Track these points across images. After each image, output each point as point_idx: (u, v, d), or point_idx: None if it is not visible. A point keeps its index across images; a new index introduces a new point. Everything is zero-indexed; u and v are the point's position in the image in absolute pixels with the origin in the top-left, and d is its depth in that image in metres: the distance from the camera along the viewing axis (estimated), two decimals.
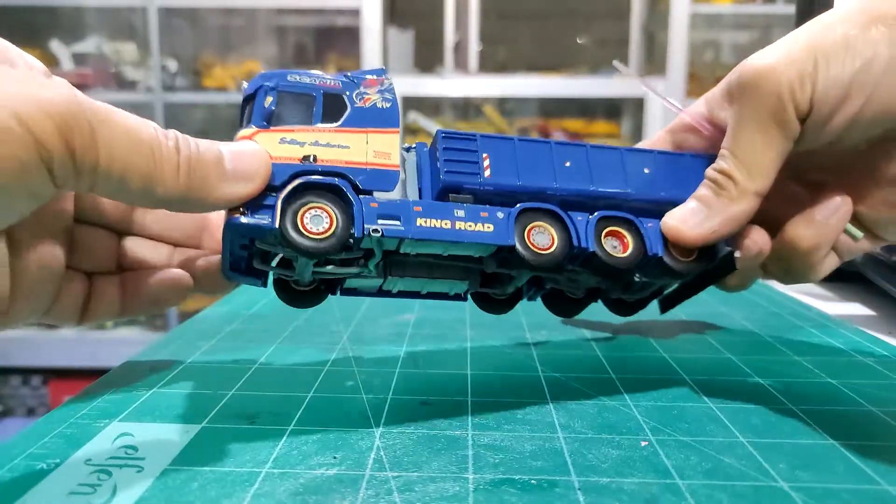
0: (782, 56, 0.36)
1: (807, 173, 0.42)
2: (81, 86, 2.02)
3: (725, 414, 0.37)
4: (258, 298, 0.61)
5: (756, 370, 0.45)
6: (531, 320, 0.55)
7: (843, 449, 0.33)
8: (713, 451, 0.33)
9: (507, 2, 2.51)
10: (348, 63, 2.14)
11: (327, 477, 0.30)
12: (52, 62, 2.11)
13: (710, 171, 0.40)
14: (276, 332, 0.52)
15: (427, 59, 2.35)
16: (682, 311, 0.58)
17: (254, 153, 0.34)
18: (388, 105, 0.40)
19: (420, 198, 0.40)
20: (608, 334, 0.52)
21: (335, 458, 0.32)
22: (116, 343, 2.11)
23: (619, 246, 0.40)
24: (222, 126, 2.29)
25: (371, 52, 2.02)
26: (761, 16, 2.19)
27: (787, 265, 0.41)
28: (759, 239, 0.40)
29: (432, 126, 2.19)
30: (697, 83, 2.12)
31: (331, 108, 0.39)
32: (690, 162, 0.43)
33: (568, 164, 0.42)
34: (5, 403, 2.18)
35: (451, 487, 0.29)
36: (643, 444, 0.34)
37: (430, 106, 2.30)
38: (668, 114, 2.01)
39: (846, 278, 0.72)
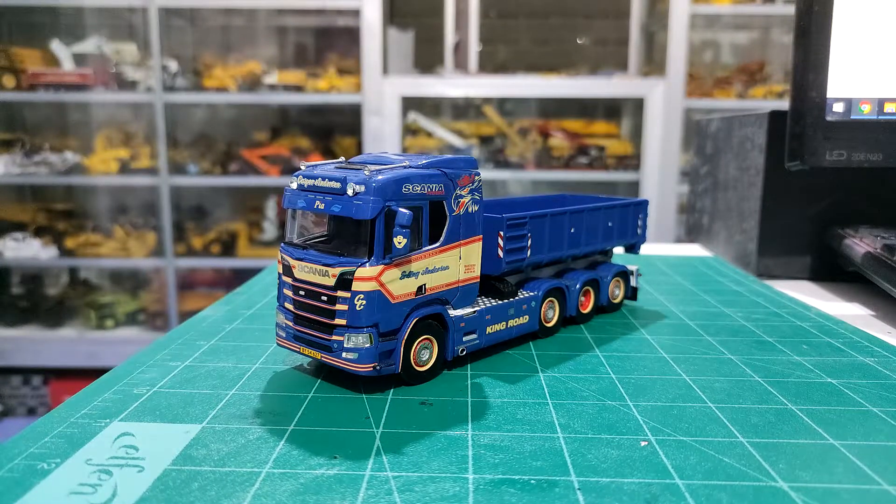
0: None
1: None
2: (82, 86, 2.01)
3: (725, 414, 0.37)
4: (258, 299, 0.61)
5: (756, 370, 0.45)
6: None
7: (843, 449, 0.33)
8: (713, 451, 0.33)
9: (507, 2, 2.51)
10: (349, 63, 2.14)
11: (327, 477, 0.30)
12: (52, 62, 2.11)
13: None
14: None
15: (427, 59, 2.35)
16: (682, 312, 0.58)
17: None
18: (477, 207, 0.43)
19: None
20: (608, 335, 0.52)
21: (335, 457, 0.32)
22: (117, 343, 2.10)
23: (584, 300, 0.54)
24: (222, 126, 2.29)
25: (371, 53, 2.02)
26: (760, 16, 2.19)
27: None
28: None
29: (432, 126, 2.19)
30: (697, 83, 2.12)
31: (435, 217, 0.41)
32: (621, 211, 0.56)
33: (573, 230, 0.52)
34: (6, 403, 2.18)
35: (451, 487, 0.29)
36: (643, 443, 0.34)
37: (430, 106, 2.29)
38: (667, 114, 2.00)
39: (846, 278, 0.72)
